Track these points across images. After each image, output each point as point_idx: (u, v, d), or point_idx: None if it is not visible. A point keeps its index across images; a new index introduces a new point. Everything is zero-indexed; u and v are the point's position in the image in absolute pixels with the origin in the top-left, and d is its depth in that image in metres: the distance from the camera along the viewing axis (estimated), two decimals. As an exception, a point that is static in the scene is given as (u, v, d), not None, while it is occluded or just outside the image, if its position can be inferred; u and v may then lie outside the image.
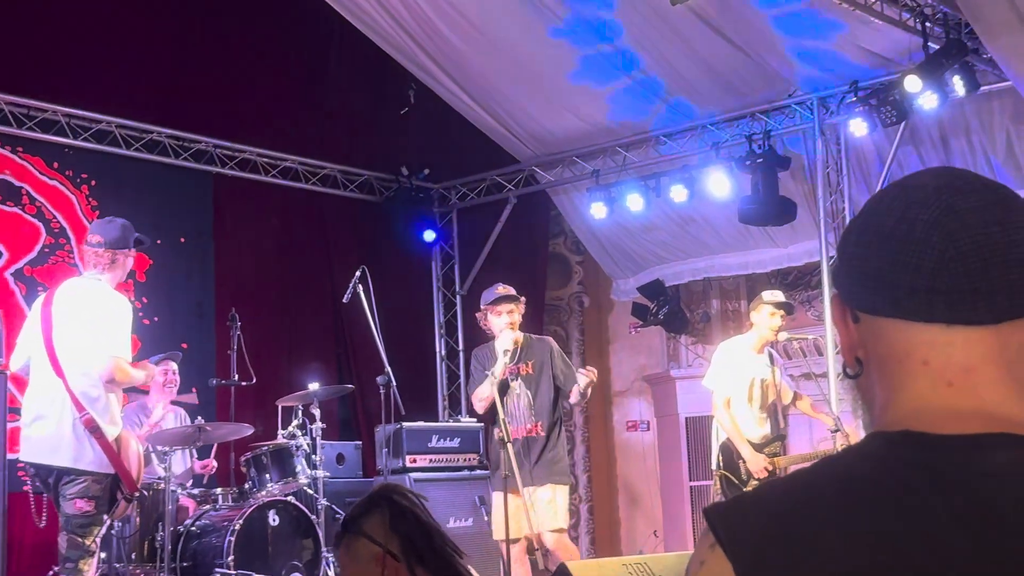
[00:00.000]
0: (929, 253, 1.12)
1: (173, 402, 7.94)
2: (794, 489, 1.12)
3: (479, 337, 11.30)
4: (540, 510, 6.61)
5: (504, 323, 6.74)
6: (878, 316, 1.16)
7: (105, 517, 5.33)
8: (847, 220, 8.41)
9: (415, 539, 3.03)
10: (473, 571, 4.86)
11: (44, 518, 5.58)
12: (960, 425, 1.11)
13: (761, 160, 8.67)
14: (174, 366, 8.00)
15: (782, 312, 7.32)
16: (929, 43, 7.75)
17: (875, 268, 1.15)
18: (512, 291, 6.85)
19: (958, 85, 7.88)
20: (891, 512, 1.07)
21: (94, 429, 5.27)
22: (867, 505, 1.08)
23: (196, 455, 7.98)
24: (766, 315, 7.30)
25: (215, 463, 7.94)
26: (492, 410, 6.67)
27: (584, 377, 6.61)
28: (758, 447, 7.27)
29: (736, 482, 7.26)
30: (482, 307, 6.91)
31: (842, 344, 1.24)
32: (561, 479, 6.77)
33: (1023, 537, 1.05)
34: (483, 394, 6.69)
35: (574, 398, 6.83)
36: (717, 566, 1.09)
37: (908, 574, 1.04)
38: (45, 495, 5.52)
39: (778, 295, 7.48)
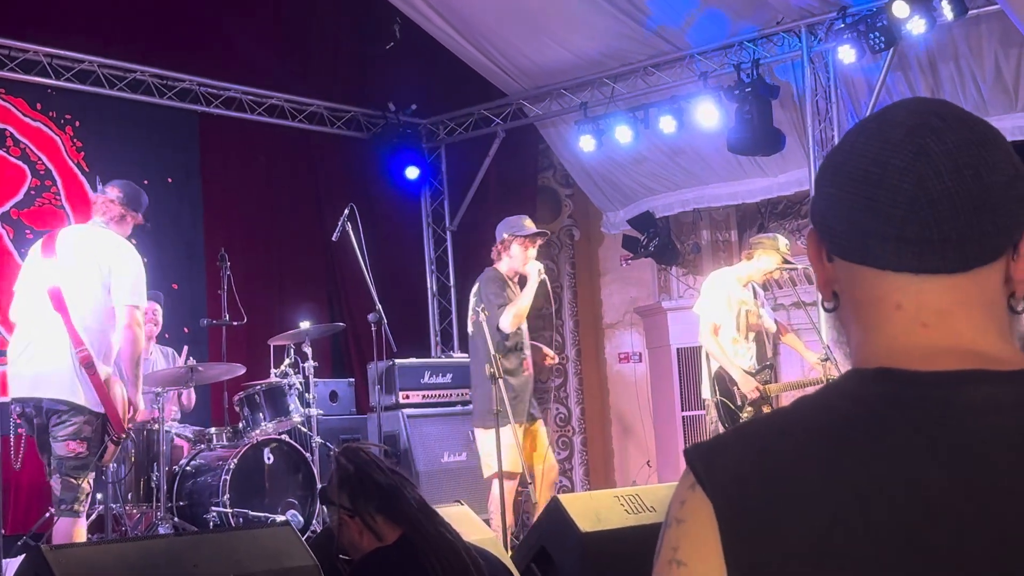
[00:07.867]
0: (900, 200, 1.09)
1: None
2: (773, 428, 1.12)
3: (470, 273, 11.32)
4: (542, 442, 6.99)
5: (531, 256, 7.02)
6: (849, 261, 1.15)
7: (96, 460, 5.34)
8: (836, 148, 8.35)
9: (361, 492, 3.17)
10: (467, 506, 4.91)
11: (20, 460, 5.58)
12: (936, 362, 1.10)
13: (750, 89, 8.60)
14: (157, 307, 7.98)
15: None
16: (917, -33, 7.67)
17: (847, 211, 1.13)
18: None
19: (946, 9, 7.80)
20: (869, 449, 1.06)
21: (89, 365, 5.27)
22: (845, 443, 1.07)
23: (195, 395, 7.97)
24: (772, 264, 7.46)
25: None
26: (481, 345, 6.75)
27: None
28: (748, 376, 7.34)
29: (733, 408, 7.34)
30: (507, 235, 7.02)
31: (817, 280, 1.22)
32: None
33: (1001, 470, 1.05)
34: (523, 311, 6.83)
35: None
36: (697, 505, 1.09)
37: (887, 510, 1.04)
38: (25, 435, 5.51)
39: (789, 252, 7.59)
